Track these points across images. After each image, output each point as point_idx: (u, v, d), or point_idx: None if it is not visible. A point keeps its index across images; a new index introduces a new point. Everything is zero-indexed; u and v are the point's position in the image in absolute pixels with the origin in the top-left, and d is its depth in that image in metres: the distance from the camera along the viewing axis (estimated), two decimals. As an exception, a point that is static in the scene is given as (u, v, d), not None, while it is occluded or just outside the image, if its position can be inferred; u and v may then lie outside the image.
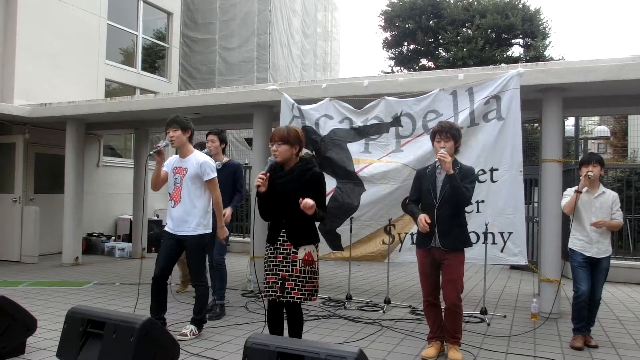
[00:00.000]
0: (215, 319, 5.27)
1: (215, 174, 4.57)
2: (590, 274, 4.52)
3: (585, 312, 4.53)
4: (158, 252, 4.64)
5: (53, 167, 9.79)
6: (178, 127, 4.47)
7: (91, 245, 10.41)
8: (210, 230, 4.64)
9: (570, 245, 4.64)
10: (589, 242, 4.52)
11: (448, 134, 4.09)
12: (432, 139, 4.23)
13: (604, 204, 4.55)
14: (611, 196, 4.59)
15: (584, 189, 4.54)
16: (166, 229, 4.61)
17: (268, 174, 3.49)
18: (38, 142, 9.79)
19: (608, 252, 4.55)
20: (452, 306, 4.03)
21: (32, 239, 9.03)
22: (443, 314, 4.22)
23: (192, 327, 4.56)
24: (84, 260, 9.04)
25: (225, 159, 5.68)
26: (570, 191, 4.64)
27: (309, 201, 3.35)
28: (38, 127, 9.62)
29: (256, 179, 3.47)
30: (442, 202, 4.06)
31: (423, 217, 4.00)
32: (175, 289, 6.53)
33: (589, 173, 4.46)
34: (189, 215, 4.48)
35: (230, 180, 5.53)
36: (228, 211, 5.29)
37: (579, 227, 4.60)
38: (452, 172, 3.94)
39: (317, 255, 3.62)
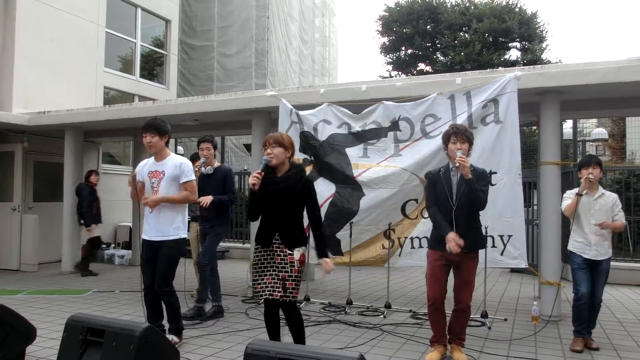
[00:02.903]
0: (208, 319, 5.35)
1: (194, 177, 4.45)
2: (591, 276, 4.51)
3: (585, 314, 4.51)
4: (141, 263, 4.50)
5: (52, 175, 9.79)
6: (156, 132, 4.31)
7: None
8: (185, 235, 4.51)
9: (569, 248, 4.64)
10: (588, 245, 4.51)
11: (464, 135, 4.07)
12: (446, 141, 4.16)
13: (603, 205, 4.53)
14: (611, 198, 4.57)
15: (584, 192, 4.54)
16: (143, 237, 4.42)
17: (263, 173, 3.57)
18: (37, 150, 9.79)
19: (608, 255, 4.54)
20: (467, 308, 4.10)
21: (31, 247, 9.01)
22: (450, 316, 4.22)
23: (172, 337, 4.40)
24: (83, 268, 9.01)
25: (217, 164, 5.74)
26: (570, 194, 4.63)
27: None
28: (37, 135, 9.62)
29: (251, 177, 3.56)
30: (459, 204, 4.04)
31: (454, 239, 3.88)
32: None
33: (590, 175, 4.44)
34: (167, 219, 4.32)
35: (221, 184, 5.58)
36: (209, 198, 5.36)
37: (578, 230, 4.60)
38: (470, 176, 3.92)
39: (308, 255, 3.77)
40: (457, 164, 3.94)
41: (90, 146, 10.70)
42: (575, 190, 4.59)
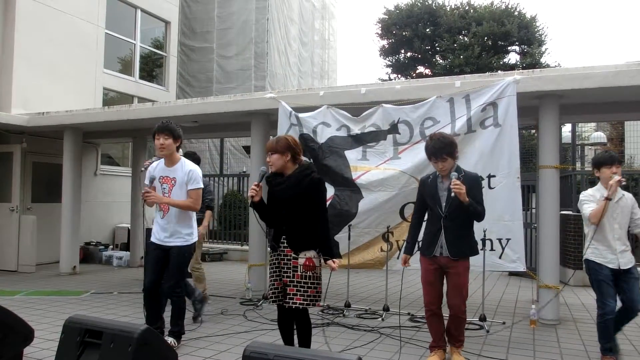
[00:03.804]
0: (196, 317, 5.41)
1: (202, 185, 4.47)
2: (616, 286, 4.07)
3: (612, 329, 4.12)
4: (145, 264, 4.55)
5: (50, 176, 9.78)
6: (170, 134, 4.32)
7: (89, 254, 10.37)
8: (196, 239, 4.58)
9: (591, 257, 4.16)
10: (613, 253, 4.06)
11: (442, 155, 4.01)
12: (429, 159, 4.18)
13: (624, 208, 4.14)
14: (630, 199, 4.18)
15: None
16: (153, 239, 4.46)
17: (261, 184, 3.62)
18: (36, 151, 9.78)
19: (633, 261, 4.11)
20: (459, 312, 4.06)
21: (29, 248, 8.99)
22: (447, 321, 4.21)
23: (171, 339, 4.43)
24: (81, 270, 9.01)
25: None
26: (589, 196, 4.18)
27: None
28: (36, 136, 9.61)
29: (250, 189, 3.62)
30: (448, 212, 4.02)
31: (404, 259, 4.33)
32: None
33: (619, 177, 3.97)
34: (178, 225, 4.39)
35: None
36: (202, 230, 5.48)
37: (600, 237, 4.09)
38: (467, 200, 3.88)
39: (320, 260, 3.64)
40: (453, 193, 3.88)
41: (89, 147, 10.70)
42: (592, 191, 4.20)
